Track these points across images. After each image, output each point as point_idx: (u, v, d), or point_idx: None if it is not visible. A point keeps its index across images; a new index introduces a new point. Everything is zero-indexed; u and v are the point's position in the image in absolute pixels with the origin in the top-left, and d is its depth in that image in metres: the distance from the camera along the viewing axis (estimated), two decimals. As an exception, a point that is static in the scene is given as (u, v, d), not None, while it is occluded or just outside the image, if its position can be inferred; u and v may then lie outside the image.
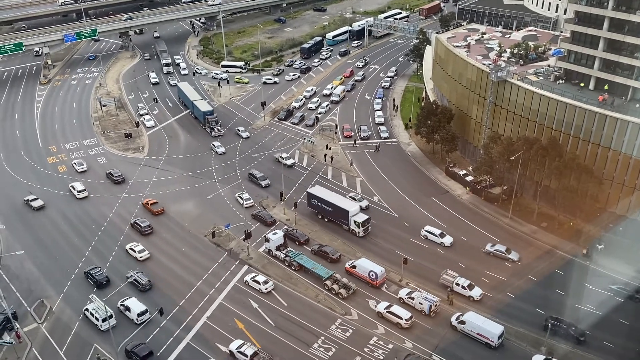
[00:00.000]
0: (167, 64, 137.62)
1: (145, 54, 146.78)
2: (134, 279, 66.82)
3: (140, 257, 71.62)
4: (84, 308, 62.91)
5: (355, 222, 75.59)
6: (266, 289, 66.32)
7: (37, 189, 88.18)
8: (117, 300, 63.25)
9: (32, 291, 67.01)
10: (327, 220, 79.04)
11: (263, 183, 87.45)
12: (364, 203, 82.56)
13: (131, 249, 72.75)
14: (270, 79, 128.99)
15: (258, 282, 66.80)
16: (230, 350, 57.42)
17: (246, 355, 56.14)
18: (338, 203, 77.40)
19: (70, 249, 74.35)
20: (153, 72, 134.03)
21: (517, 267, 69.46)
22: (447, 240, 74.13)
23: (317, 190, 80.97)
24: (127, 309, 62.24)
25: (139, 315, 61.51)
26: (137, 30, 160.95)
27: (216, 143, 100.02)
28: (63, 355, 58.24)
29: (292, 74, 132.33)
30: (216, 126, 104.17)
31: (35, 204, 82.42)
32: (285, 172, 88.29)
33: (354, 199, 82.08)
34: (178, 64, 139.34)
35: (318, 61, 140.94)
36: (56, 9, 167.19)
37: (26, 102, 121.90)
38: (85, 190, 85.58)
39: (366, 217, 76.35)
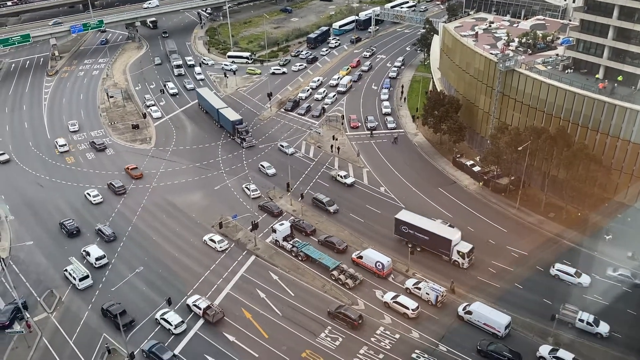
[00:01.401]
0: (178, 66, 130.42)
1: (156, 58, 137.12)
2: (99, 230, 74.49)
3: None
4: (64, 269, 67.65)
5: (459, 252, 67.16)
6: (221, 247, 71.63)
7: (45, 180, 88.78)
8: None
9: (42, 281, 67.71)
10: (420, 250, 69.59)
11: (331, 209, 78.83)
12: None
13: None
14: (279, 69, 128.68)
15: (214, 242, 72.25)
16: (187, 304, 62.83)
17: (200, 308, 61.37)
18: (436, 231, 68.40)
19: (79, 239, 74.86)
20: (169, 81, 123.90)
21: (524, 257, 69.33)
22: (584, 280, 64.15)
23: (407, 216, 71.69)
24: (88, 254, 69.86)
25: (96, 259, 68.90)
26: (150, 25, 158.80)
27: (265, 164, 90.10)
28: (73, 344, 58.92)
29: (298, 64, 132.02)
30: (247, 136, 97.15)
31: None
32: (291, 162, 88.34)
33: (450, 225, 72.62)
34: (191, 66, 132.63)
35: (326, 50, 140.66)
36: (63, 0, 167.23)
37: (34, 93, 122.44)
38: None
39: (470, 246, 67.59)
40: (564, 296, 62.26)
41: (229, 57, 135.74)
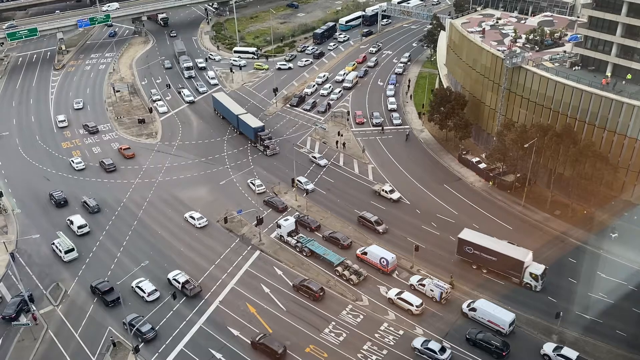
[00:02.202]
0: (189, 68, 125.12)
1: (166, 61, 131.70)
2: (84, 202, 79.91)
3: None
4: (51, 242, 71.56)
5: (531, 274, 62.79)
6: (200, 224, 75.05)
7: (52, 173, 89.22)
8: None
9: (48, 274, 68.17)
10: (486, 272, 65.84)
11: (380, 228, 73.85)
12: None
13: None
14: (285, 65, 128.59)
15: (193, 218, 75.65)
16: (167, 278, 66.07)
17: (179, 282, 64.51)
18: (505, 251, 63.97)
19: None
20: (184, 88, 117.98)
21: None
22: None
23: (472, 235, 67.28)
24: (71, 222, 74.52)
25: (78, 227, 73.97)
26: (161, 23, 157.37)
27: (302, 179, 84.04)
28: (78, 337, 59.33)
29: (304, 59, 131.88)
30: (270, 143, 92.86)
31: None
32: (297, 158, 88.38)
33: (514, 244, 67.41)
34: (202, 68, 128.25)
35: (334, 44, 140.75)
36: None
37: (41, 87, 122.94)
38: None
39: (543, 267, 63.31)
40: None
41: (235, 52, 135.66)
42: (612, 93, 69.86)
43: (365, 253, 68.72)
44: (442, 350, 55.82)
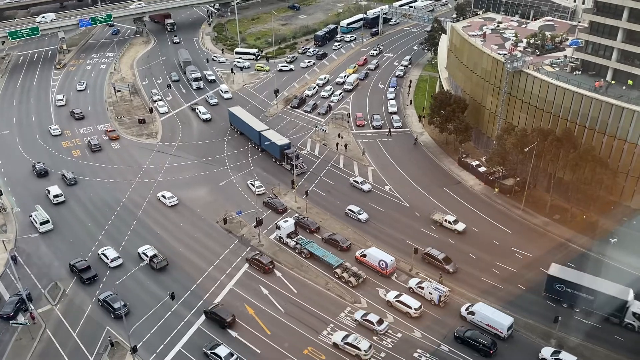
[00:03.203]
0: (197, 79, 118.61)
1: (172, 73, 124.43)
2: (63, 174, 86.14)
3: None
4: (29, 215, 76.22)
5: (634, 314, 58.32)
6: (170, 202, 79.45)
7: (51, 172, 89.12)
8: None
9: (46, 273, 68.11)
10: (579, 311, 60.85)
11: (450, 267, 67.14)
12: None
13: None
14: (287, 66, 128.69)
15: (164, 197, 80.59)
16: (137, 252, 69.96)
17: (147, 256, 68.32)
18: (605, 290, 58.79)
19: (84, 232, 75.33)
20: (199, 105, 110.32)
21: (527, 259, 69.16)
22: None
23: (563, 272, 62.05)
24: (49, 192, 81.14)
25: (54, 196, 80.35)
26: (168, 28, 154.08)
27: (354, 207, 78.01)
28: (76, 336, 59.25)
29: (307, 60, 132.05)
30: (297, 161, 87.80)
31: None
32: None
33: (610, 282, 60.80)
34: (212, 81, 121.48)
35: (339, 44, 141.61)
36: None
37: (41, 86, 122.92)
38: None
39: None
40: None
41: (237, 53, 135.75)
42: (612, 98, 69.91)
43: (364, 255, 68.69)
44: (380, 322, 59.47)
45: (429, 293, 62.90)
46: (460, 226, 74.23)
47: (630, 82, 73.35)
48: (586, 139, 72.82)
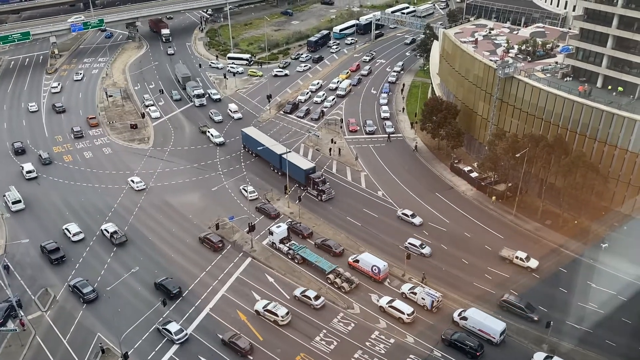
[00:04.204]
0: (199, 96, 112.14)
1: (174, 91, 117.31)
2: (39, 155, 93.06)
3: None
4: (2, 195, 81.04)
5: None
6: (138, 187, 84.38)
7: (43, 178, 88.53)
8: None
9: (36, 280, 67.48)
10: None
11: (534, 316, 60.82)
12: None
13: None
14: (281, 71, 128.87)
15: (133, 182, 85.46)
16: (100, 229, 74.96)
17: (108, 232, 73.44)
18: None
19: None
20: (208, 127, 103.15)
21: (520, 264, 69.30)
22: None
23: None
24: (22, 168, 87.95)
25: (27, 172, 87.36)
26: (163, 39, 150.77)
27: (415, 240, 72.38)
28: (66, 343, 58.70)
29: (303, 65, 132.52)
30: (324, 186, 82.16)
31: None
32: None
33: None
34: (217, 100, 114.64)
35: (336, 47, 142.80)
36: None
37: (33, 91, 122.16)
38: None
39: None
40: (559, 302, 62.73)
41: (229, 58, 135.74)
42: (603, 104, 70.46)
43: (357, 261, 68.63)
44: (317, 297, 62.63)
45: (422, 298, 62.90)
46: (533, 263, 68.02)
47: (620, 88, 73.98)
48: (577, 145, 73.31)
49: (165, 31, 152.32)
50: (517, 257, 68.52)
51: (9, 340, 58.77)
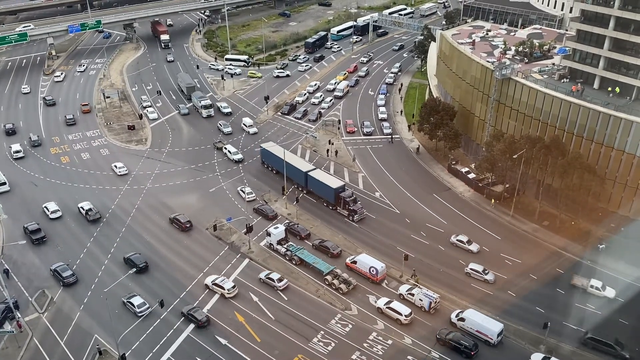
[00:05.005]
0: (207, 107, 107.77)
1: (181, 105, 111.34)
2: (30, 137, 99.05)
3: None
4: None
5: None
6: (120, 172, 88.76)
7: (39, 179, 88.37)
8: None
9: (33, 281, 67.33)
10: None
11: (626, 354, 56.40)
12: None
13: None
14: (283, 72, 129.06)
15: (116, 167, 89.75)
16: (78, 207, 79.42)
17: (84, 209, 78.35)
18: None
19: (72, 239, 74.62)
20: (226, 144, 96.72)
21: (518, 265, 69.47)
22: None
23: None
24: (10, 147, 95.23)
25: (14, 152, 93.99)
26: (162, 45, 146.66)
27: (479, 267, 67.69)
28: (64, 345, 58.56)
29: (304, 64, 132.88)
30: (355, 206, 77.85)
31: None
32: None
33: None
34: (228, 114, 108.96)
35: (338, 47, 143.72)
36: (61, 0, 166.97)
37: (30, 92, 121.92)
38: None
39: None
40: (558, 304, 62.80)
41: (227, 59, 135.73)
42: (600, 106, 70.67)
43: (354, 262, 68.64)
44: (280, 279, 65.61)
45: (420, 300, 62.94)
46: (610, 292, 63.61)
47: (617, 89, 74.20)
48: (574, 146, 73.50)
49: (164, 37, 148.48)
50: (592, 287, 63.83)
51: (5, 342, 58.59)
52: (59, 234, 75.48)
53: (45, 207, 79.44)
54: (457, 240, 72.88)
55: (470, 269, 67.94)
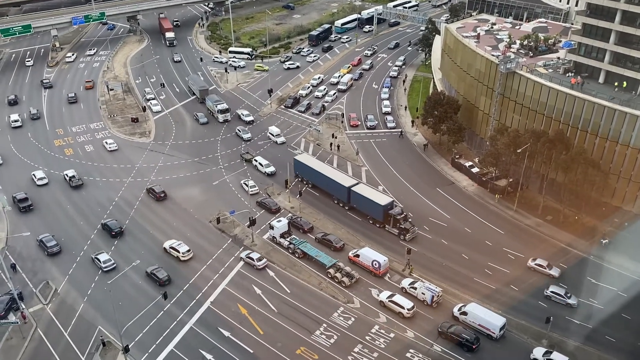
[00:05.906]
0: (223, 111, 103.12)
1: (199, 113, 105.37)
2: (30, 110, 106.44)
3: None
4: None
5: None
6: (110, 147, 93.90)
7: (43, 171, 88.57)
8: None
9: (37, 272, 67.69)
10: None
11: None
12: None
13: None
14: (293, 64, 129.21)
15: (107, 143, 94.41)
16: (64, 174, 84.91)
17: (68, 176, 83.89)
18: None
19: (75, 231, 74.96)
20: (256, 157, 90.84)
21: (519, 259, 69.44)
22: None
23: None
24: (9, 117, 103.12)
25: (13, 121, 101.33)
26: (167, 43, 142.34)
27: (560, 291, 63.19)
28: (68, 336, 58.92)
29: (312, 55, 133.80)
30: (406, 224, 72.83)
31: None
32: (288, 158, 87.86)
33: None
34: (250, 122, 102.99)
35: (347, 37, 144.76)
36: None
37: (34, 84, 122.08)
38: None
39: None
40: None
41: (230, 52, 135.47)
42: (604, 100, 70.32)
43: (357, 255, 68.74)
44: (260, 259, 67.89)
45: (422, 293, 63.04)
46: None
47: (624, 83, 73.71)
48: (578, 141, 73.23)
49: (169, 34, 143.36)
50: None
51: (10, 333, 58.98)
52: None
53: (34, 174, 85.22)
54: (535, 264, 67.32)
55: (551, 292, 63.32)
